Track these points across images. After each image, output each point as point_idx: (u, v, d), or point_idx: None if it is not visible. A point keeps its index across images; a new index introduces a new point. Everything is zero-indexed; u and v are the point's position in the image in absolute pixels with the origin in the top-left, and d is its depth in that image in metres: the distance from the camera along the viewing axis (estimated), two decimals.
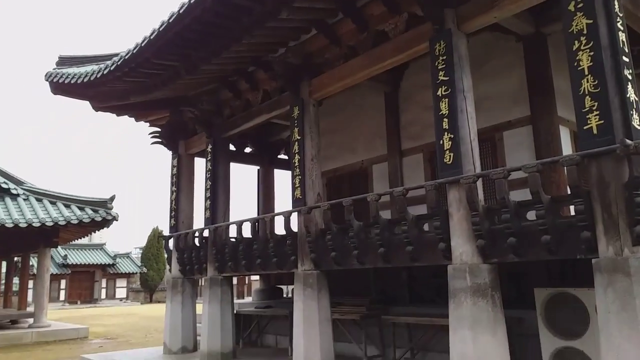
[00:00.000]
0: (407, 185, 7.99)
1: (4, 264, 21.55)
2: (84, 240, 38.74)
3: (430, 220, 6.26)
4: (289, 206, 8.45)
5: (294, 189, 8.29)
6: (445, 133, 5.94)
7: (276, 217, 9.26)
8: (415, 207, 7.80)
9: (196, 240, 10.68)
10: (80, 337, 15.63)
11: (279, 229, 8.87)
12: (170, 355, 10.48)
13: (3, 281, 22.43)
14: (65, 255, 38.48)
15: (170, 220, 11.33)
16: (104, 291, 41.55)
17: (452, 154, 5.85)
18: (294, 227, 8.30)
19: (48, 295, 16.43)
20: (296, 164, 8.27)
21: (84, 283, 40.19)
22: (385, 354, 8.43)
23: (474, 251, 5.63)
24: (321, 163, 8.53)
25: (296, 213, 8.23)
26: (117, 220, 16.37)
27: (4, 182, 15.69)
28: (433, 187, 6.09)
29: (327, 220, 7.75)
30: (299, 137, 8.27)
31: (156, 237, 45.69)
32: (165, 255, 12.05)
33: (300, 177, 8.18)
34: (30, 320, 16.40)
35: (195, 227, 11.16)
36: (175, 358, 10.23)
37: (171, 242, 11.35)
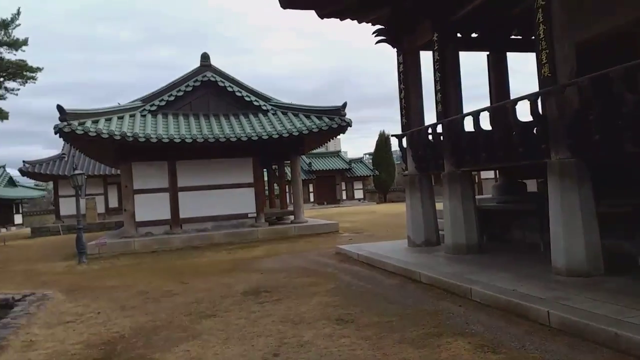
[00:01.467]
0: None
1: (265, 172, 25.02)
2: (322, 150, 42.58)
3: None
4: (525, 93, 7.32)
5: (540, 66, 7.08)
6: None
7: (518, 103, 8.17)
8: None
9: (429, 137, 10.34)
10: (332, 231, 17.45)
11: (521, 117, 7.84)
12: (414, 248, 10.78)
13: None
14: (310, 163, 43.06)
15: (401, 119, 11.18)
16: (344, 193, 45.62)
17: None
18: (541, 111, 7.19)
19: (302, 197, 18.56)
20: (541, 35, 6.96)
21: (327, 186, 44.66)
22: None
23: None
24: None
25: (543, 95, 7.07)
26: (350, 126, 17.14)
27: (255, 100, 17.74)
28: None
29: (585, 98, 6.45)
30: (543, 3, 6.88)
31: (383, 141, 47.39)
32: (397, 155, 12.12)
33: (547, 50, 6.89)
34: (291, 218, 18.93)
35: (426, 123, 10.78)
36: (419, 250, 10.47)
37: (404, 141, 11.27)
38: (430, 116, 10.38)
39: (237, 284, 9.11)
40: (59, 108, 14.12)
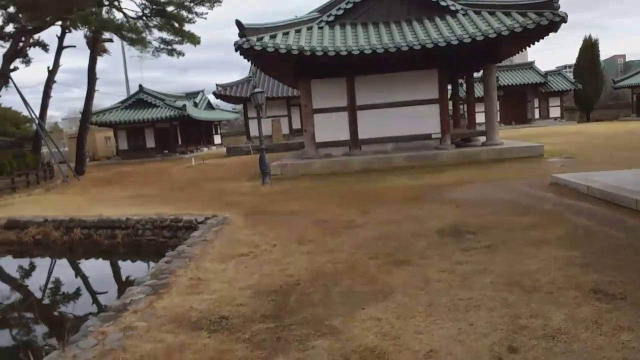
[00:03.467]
0: None
1: (449, 87, 22.16)
2: (507, 62, 36.87)
3: None
4: None
5: None
6: None
7: None
8: None
9: None
10: (535, 156, 14.36)
11: None
12: None
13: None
14: (497, 77, 37.96)
15: None
16: (536, 111, 39.63)
17: None
18: None
19: (497, 113, 15.59)
20: None
21: (516, 104, 39.23)
22: None
23: None
24: None
25: None
26: (565, 22, 13.31)
27: (442, 0, 14.84)
28: None
29: None
30: None
31: (589, 48, 39.32)
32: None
33: None
34: (482, 139, 16.27)
35: None
36: None
37: None
38: None
39: (429, 218, 7.36)
40: (238, 23, 13.43)
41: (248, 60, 14.50)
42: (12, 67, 19.71)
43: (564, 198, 8.03)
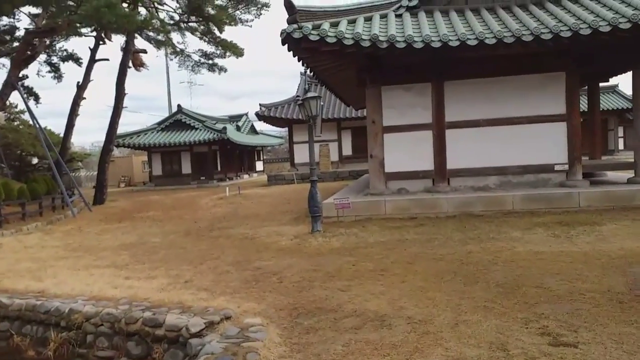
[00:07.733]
0: None
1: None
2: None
3: None
4: None
5: None
6: None
7: None
8: None
9: None
10: None
11: None
12: None
13: None
14: None
15: None
16: (620, 141, 33.59)
17: None
18: None
19: None
20: None
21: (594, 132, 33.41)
22: None
23: None
24: None
25: None
26: None
27: None
28: None
29: None
30: None
31: None
32: None
33: None
34: (619, 175, 11.22)
35: None
36: None
37: None
38: None
39: None
40: (287, 4, 9.14)
41: (297, 58, 10.17)
42: (21, 74, 16.25)
43: None
